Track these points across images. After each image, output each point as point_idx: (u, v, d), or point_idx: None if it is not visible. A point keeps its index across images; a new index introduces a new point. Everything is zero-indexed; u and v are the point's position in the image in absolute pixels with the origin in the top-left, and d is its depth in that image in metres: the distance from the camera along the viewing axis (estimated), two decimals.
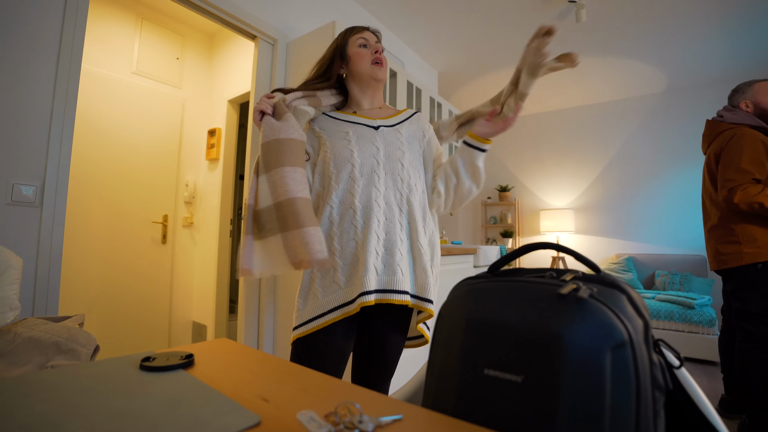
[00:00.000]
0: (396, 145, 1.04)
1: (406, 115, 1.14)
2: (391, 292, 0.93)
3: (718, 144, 1.80)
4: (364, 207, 0.97)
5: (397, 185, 1.00)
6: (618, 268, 3.94)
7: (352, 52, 1.11)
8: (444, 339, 0.47)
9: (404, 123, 1.10)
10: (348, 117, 1.09)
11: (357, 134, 1.03)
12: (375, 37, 1.14)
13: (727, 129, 1.80)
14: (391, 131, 1.06)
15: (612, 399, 0.35)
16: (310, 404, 0.38)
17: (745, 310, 1.69)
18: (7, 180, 1.30)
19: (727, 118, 1.84)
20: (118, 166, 2.50)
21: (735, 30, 3.01)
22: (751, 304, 1.66)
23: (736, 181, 1.65)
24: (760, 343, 1.64)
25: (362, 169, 0.99)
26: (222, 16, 1.90)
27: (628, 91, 4.25)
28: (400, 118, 1.12)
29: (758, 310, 1.65)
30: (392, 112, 1.14)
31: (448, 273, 2.42)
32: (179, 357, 0.49)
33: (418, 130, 1.11)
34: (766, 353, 1.63)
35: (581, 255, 0.50)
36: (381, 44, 1.15)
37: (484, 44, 3.34)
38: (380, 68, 1.11)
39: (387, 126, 1.07)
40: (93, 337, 0.96)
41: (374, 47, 1.11)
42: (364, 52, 1.10)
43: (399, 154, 1.03)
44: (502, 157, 5.25)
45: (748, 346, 1.67)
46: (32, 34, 1.36)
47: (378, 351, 0.99)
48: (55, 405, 0.35)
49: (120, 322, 2.47)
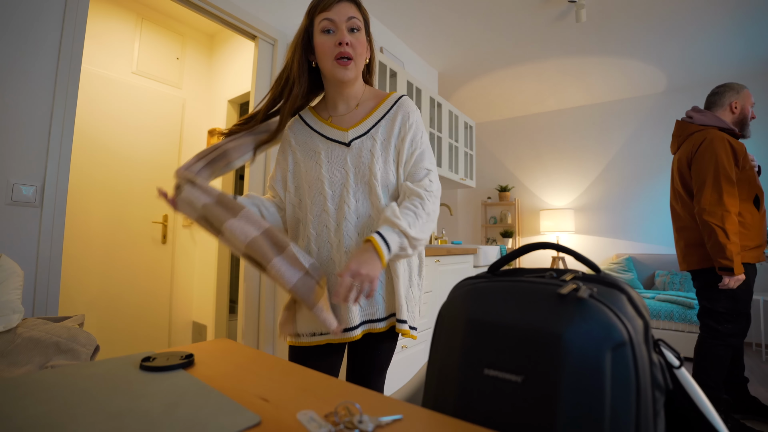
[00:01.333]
0: (368, 157, 0.93)
1: (385, 108, 0.98)
2: (375, 321, 0.93)
3: (688, 147, 1.82)
4: (337, 224, 0.93)
5: (368, 197, 0.93)
6: (618, 268, 3.94)
7: (316, 41, 0.91)
8: (444, 339, 0.47)
9: (381, 122, 0.96)
10: (322, 127, 0.98)
11: (328, 155, 0.95)
12: (347, 11, 0.90)
13: (696, 131, 1.83)
14: (364, 140, 0.94)
15: (612, 399, 0.35)
16: (310, 404, 0.38)
17: (711, 308, 1.78)
18: (7, 180, 1.30)
19: (696, 120, 1.86)
20: (119, 167, 2.50)
21: (735, 30, 3.01)
22: (717, 303, 1.75)
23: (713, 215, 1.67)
24: (723, 340, 1.75)
25: (332, 186, 0.94)
26: (222, 16, 1.91)
27: (628, 91, 4.25)
28: (377, 116, 0.97)
29: (724, 309, 1.75)
30: (370, 108, 0.99)
31: (448, 273, 2.42)
32: (179, 357, 0.49)
33: (394, 125, 0.95)
34: (725, 350, 1.75)
35: (581, 255, 0.50)
36: (358, 20, 0.91)
37: (484, 44, 3.34)
38: (345, 68, 0.90)
39: (360, 135, 0.95)
40: (93, 337, 0.96)
41: (340, 34, 0.88)
42: (327, 43, 0.90)
43: (371, 163, 0.93)
44: (502, 157, 5.25)
45: (712, 342, 1.77)
46: (32, 34, 1.36)
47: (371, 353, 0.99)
48: (55, 405, 0.35)
49: (120, 322, 2.47)
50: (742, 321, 1.76)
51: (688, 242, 1.83)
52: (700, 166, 1.74)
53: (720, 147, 1.70)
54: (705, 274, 1.78)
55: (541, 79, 4.03)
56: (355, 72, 0.92)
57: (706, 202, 1.68)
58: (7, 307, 0.92)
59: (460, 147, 3.57)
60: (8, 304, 0.92)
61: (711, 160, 1.70)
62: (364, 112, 0.99)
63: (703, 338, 1.82)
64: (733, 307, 1.74)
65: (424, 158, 0.96)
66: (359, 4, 0.95)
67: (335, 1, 0.90)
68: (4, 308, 0.91)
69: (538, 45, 3.32)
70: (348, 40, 0.89)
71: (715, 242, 1.66)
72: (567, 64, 3.67)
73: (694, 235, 1.80)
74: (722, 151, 1.70)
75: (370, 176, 0.93)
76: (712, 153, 1.71)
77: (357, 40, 0.91)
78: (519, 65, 3.73)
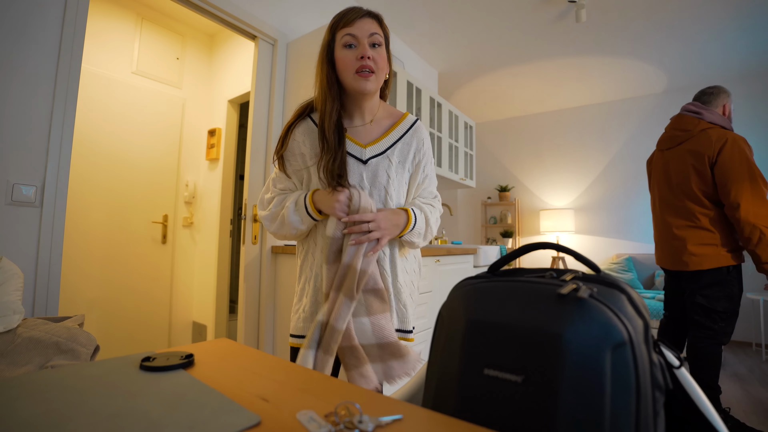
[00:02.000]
0: (384, 178, 0.97)
1: (401, 131, 1.01)
2: None
3: (704, 144, 1.77)
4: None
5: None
6: (618, 268, 3.94)
7: (337, 56, 0.94)
8: (444, 339, 0.47)
9: (398, 144, 1.00)
10: None
11: None
12: (369, 27, 0.93)
13: (708, 128, 1.79)
14: (380, 160, 0.97)
15: (612, 399, 0.35)
16: (310, 404, 0.38)
17: (710, 307, 1.78)
18: (7, 180, 1.30)
19: (706, 116, 1.82)
20: (118, 167, 2.50)
21: (736, 30, 3.01)
22: (718, 302, 1.77)
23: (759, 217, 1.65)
24: (717, 339, 1.78)
25: None
26: (222, 16, 1.91)
27: (628, 91, 4.25)
28: (393, 138, 1.00)
29: (723, 309, 1.77)
30: (387, 126, 1.01)
31: (448, 273, 2.42)
32: (179, 357, 0.49)
33: (410, 150, 1.01)
34: (718, 347, 1.78)
35: (581, 255, 0.50)
36: (379, 35, 0.94)
37: (485, 44, 3.34)
38: (366, 79, 0.91)
39: (378, 154, 0.97)
40: (93, 337, 0.96)
41: (362, 48, 0.91)
42: (348, 57, 0.92)
43: (387, 184, 0.97)
44: (502, 157, 5.25)
45: (707, 341, 1.79)
46: (32, 34, 1.36)
47: None
48: (55, 405, 0.35)
49: (120, 322, 2.47)
50: (734, 320, 1.79)
51: (699, 241, 1.79)
52: (731, 168, 1.69)
53: (745, 147, 1.70)
54: (713, 273, 1.77)
55: (541, 79, 4.03)
56: (375, 85, 0.94)
57: (749, 203, 1.66)
58: (8, 308, 0.92)
59: (460, 147, 3.57)
60: (9, 305, 0.93)
61: (743, 161, 1.68)
62: (380, 130, 1.01)
63: (696, 338, 1.82)
64: (730, 306, 1.76)
65: (432, 183, 1.07)
66: (381, 21, 0.97)
67: (358, 17, 0.93)
68: (4, 309, 0.91)
69: (538, 45, 3.32)
70: (370, 54, 0.91)
71: (765, 243, 1.64)
72: (567, 64, 3.67)
73: (707, 234, 1.77)
74: (747, 150, 1.70)
75: (386, 196, 0.97)
76: (741, 154, 1.69)
77: (378, 54, 0.94)
78: (519, 65, 3.72)
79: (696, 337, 1.82)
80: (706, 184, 1.77)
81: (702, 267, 1.78)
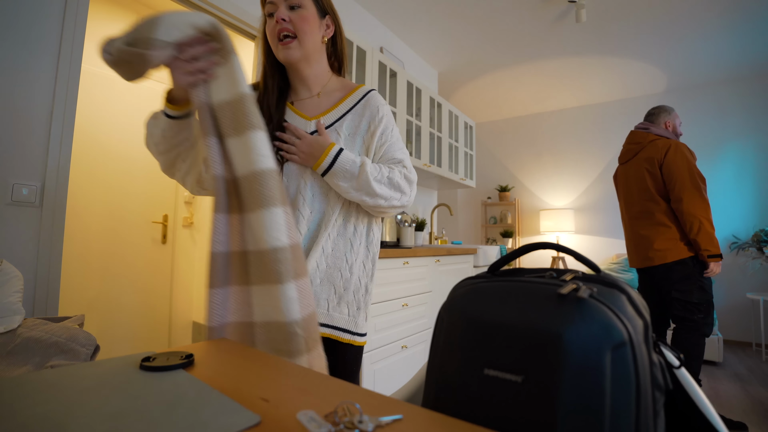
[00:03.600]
0: None
1: (352, 102, 0.93)
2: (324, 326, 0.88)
3: (653, 152, 2.06)
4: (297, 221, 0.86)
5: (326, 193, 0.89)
6: (618, 268, 3.94)
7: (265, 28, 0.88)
8: (444, 339, 0.47)
9: (347, 115, 0.92)
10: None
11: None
12: None
13: (655, 139, 2.10)
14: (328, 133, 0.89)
15: (612, 399, 0.35)
16: (310, 404, 0.38)
17: (686, 300, 1.95)
18: (7, 180, 1.30)
19: (653, 130, 2.15)
20: (118, 167, 2.50)
21: (735, 30, 3.01)
22: (692, 294, 1.94)
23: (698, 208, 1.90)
24: (698, 329, 1.92)
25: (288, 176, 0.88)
26: (221, 16, 1.91)
27: (628, 91, 4.25)
28: (343, 110, 0.92)
29: (698, 300, 1.93)
30: (337, 99, 0.93)
31: (448, 273, 2.42)
32: (179, 357, 0.49)
33: (361, 120, 0.91)
34: (701, 338, 1.93)
35: (581, 255, 0.49)
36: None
37: (485, 44, 3.34)
38: (287, 47, 0.84)
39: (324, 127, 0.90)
40: (93, 337, 0.96)
41: (277, 13, 0.83)
42: (270, 26, 0.85)
43: None
44: (502, 157, 5.25)
45: (692, 333, 1.93)
46: (32, 34, 1.36)
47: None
48: (55, 405, 0.35)
49: (120, 322, 2.47)
50: (711, 310, 1.95)
51: (665, 238, 1.99)
52: (674, 167, 1.96)
53: (686, 151, 1.99)
54: (681, 266, 1.96)
55: (541, 80, 4.03)
56: (300, 51, 0.86)
57: (690, 197, 1.90)
58: (9, 309, 0.92)
59: (460, 147, 3.57)
60: (10, 306, 0.93)
61: (684, 162, 1.95)
62: (329, 102, 0.93)
63: (680, 330, 1.96)
64: (704, 297, 1.92)
65: (395, 150, 0.93)
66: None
67: None
68: (5, 310, 0.91)
69: (538, 45, 3.32)
70: (285, 16, 0.83)
71: (704, 232, 1.87)
72: (567, 65, 3.67)
73: (670, 231, 1.98)
74: (689, 154, 1.99)
75: None
76: (682, 156, 1.97)
77: (298, 15, 0.84)
78: (519, 65, 3.73)
79: (680, 330, 1.96)
80: (657, 183, 2.04)
81: (666, 260, 1.96)
